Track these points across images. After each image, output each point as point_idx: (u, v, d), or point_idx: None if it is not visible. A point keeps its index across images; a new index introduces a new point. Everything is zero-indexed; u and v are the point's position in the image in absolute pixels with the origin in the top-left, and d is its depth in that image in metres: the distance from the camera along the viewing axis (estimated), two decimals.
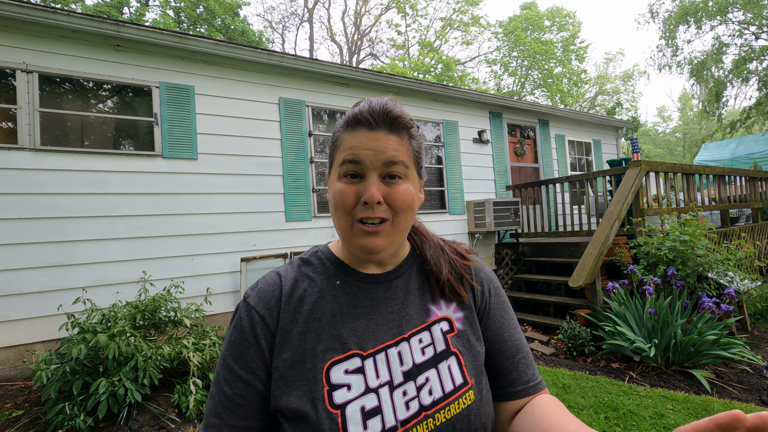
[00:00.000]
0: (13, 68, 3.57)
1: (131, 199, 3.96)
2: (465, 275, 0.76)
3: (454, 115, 6.58)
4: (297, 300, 0.67)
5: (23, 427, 2.54)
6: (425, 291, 0.72)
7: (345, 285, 0.69)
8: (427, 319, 0.69)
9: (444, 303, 0.72)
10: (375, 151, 0.63)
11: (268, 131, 4.82)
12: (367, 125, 0.64)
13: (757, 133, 11.82)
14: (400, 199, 0.64)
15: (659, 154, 32.71)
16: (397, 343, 0.65)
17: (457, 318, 0.71)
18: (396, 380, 0.62)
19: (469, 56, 30.44)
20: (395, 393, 0.61)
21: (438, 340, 0.67)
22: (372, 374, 0.62)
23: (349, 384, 0.61)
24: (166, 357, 2.84)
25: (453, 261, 0.76)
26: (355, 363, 0.63)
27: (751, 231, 5.78)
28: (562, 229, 5.88)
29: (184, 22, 16.38)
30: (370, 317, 0.67)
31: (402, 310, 0.69)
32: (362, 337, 0.65)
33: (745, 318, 3.95)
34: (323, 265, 0.72)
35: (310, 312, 0.66)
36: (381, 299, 0.69)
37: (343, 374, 0.61)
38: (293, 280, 0.69)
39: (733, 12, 12.95)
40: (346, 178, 0.64)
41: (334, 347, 0.63)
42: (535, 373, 0.73)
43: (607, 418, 2.47)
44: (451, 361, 0.66)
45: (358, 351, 0.63)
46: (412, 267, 0.74)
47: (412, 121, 0.68)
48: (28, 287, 3.48)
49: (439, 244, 0.79)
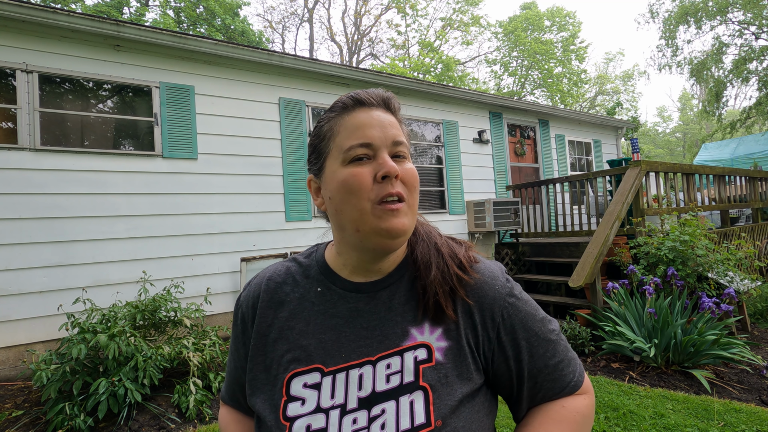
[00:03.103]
0: (13, 68, 3.57)
1: (131, 199, 3.96)
2: (458, 290, 0.63)
3: (454, 115, 6.58)
4: (277, 304, 0.67)
5: (23, 427, 2.54)
6: (410, 309, 0.63)
7: (326, 292, 0.66)
8: (403, 343, 0.61)
9: (428, 326, 0.62)
10: (381, 128, 0.61)
11: (268, 131, 4.82)
12: (368, 104, 0.62)
13: (757, 133, 11.82)
14: (411, 176, 0.61)
15: (659, 154, 32.70)
16: (362, 365, 0.60)
17: (439, 348, 0.60)
18: (350, 405, 0.57)
19: (469, 56, 30.49)
20: (345, 419, 0.56)
21: (408, 370, 0.59)
22: (327, 393, 0.58)
23: (304, 398, 0.59)
24: (166, 357, 2.84)
25: (447, 267, 0.64)
26: (314, 378, 0.60)
27: (751, 231, 5.78)
28: (562, 229, 5.88)
29: (184, 22, 16.38)
30: (342, 330, 0.62)
31: (378, 327, 0.62)
32: (328, 352, 0.61)
33: (745, 318, 3.95)
34: (312, 268, 0.70)
35: (286, 319, 0.65)
36: (360, 312, 0.63)
37: (301, 387, 0.60)
38: (277, 283, 0.70)
39: (733, 12, 12.95)
40: (355, 162, 0.59)
41: (299, 357, 0.62)
42: (549, 392, 0.65)
43: (607, 418, 2.47)
44: (417, 396, 0.57)
45: (321, 366, 0.61)
46: (401, 278, 0.66)
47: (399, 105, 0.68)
48: (28, 287, 3.48)
49: (433, 243, 0.68)
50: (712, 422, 2.33)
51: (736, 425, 2.30)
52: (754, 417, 2.36)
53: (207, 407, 2.74)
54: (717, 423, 2.33)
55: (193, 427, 2.58)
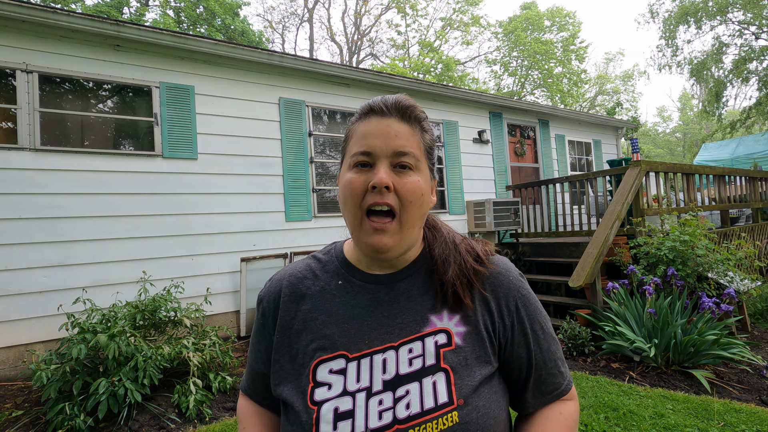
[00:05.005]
0: (13, 68, 3.57)
1: (131, 199, 3.96)
2: (475, 282, 0.67)
3: (454, 115, 6.58)
4: (299, 297, 0.71)
5: (23, 427, 2.54)
6: (428, 298, 0.67)
7: (347, 284, 0.70)
8: (423, 329, 0.65)
9: (447, 313, 0.66)
10: (385, 137, 0.62)
11: (268, 131, 4.82)
12: (379, 113, 0.64)
13: (757, 133, 11.82)
14: (409, 190, 0.62)
15: (659, 154, 32.70)
16: (385, 350, 0.63)
17: (458, 333, 0.65)
18: (375, 387, 0.61)
19: (469, 56, 30.48)
20: (371, 400, 0.60)
21: (429, 353, 0.63)
22: (353, 377, 0.62)
23: (330, 383, 0.62)
24: (166, 357, 2.84)
25: (464, 262, 0.69)
26: (339, 364, 0.63)
27: (751, 231, 5.78)
28: (562, 229, 5.89)
29: (184, 22, 16.38)
30: (364, 319, 0.66)
31: (399, 316, 0.66)
32: (352, 339, 0.64)
33: (745, 318, 3.95)
34: (331, 263, 0.74)
35: (309, 311, 0.69)
36: (380, 301, 0.67)
37: (327, 373, 0.63)
38: (298, 278, 0.73)
39: (733, 12, 12.95)
40: (356, 168, 0.63)
41: (324, 346, 0.65)
42: (550, 386, 0.69)
43: (607, 418, 2.47)
44: (439, 377, 0.61)
45: (345, 352, 0.64)
46: (419, 269, 0.70)
47: (425, 114, 0.68)
48: (28, 287, 3.48)
49: (453, 240, 0.73)
50: (712, 422, 2.33)
51: (736, 425, 2.30)
52: (754, 417, 2.36)
53: (207, 407, 2.74)
54: (717, 423, 2.33)
55: (193, 427, 2.58)
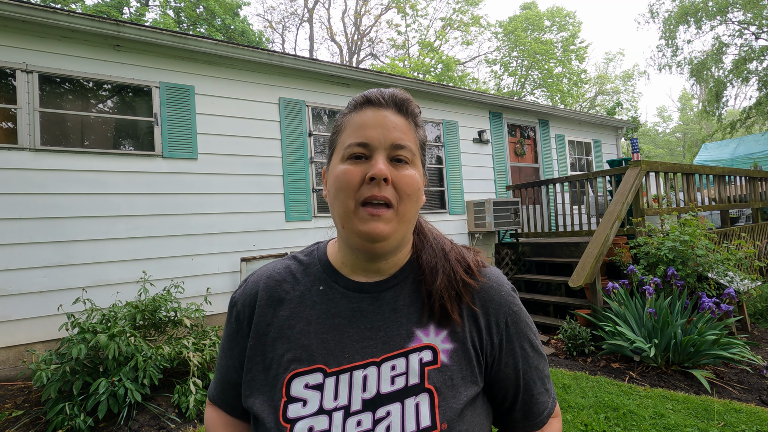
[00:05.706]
0: (13, 68, 3.57)
1: (131, 199, 3.96)
2: (464, 295, 0.63)
3: (454, 115, 6.58)
4: (276, 302, 0.65)
5: (23, 427, 2.54)
6: (415, 310, 0.63)
7: (328, 290, 0.65)
8: (408, 344, 0.60)
9: (434, 328, 0.61)
10: (383, 129, 0.60)
11: (268, 131, 4.82)
12: (376, 104, 0.62)
13: (757, 133, 11.82)
14: (407, 183, 0.60)
15: (659, 154, 32.70)
16: (366, 366, 0.59)
17: (444, 350, 0.60)
18: (354, 407, 0.56)
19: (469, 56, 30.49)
20: (349, 420, 0.55)
21: (413, 371, 0.58)
22: (330, 395, 0.57)
23: (305, 399, 0.57)
24: (166, 357, 2.84)
25: (453, 272, 0.64)
26: (316, 378, 0.59)
27: (751, 231, 5.78)
28: (562, 229, 5.88)
29: (184, 22, 16.38)
30: (345, 330, 0.61)
31: (383, 329, 0.61)
32: (331, 352, 0.60)
33: (745, 318, 3.95)
34: (313, 266, 0.69)
35: (286, 318, 0.64)
36: (363, 312, 0.62)
37: (302, 388, 0.58)
38: (276, 281, 0.68)
39: (733, 12, 12.95)
40: (351, 160, 0.60)
41: (300, 357, 0.60)
42: (540, 407, 0.66)
43: (607, 418, 2.47)
44: (422, 398, 0.57)
45: (323, 366, 0.59)
46: (406, 279, 0.65)
47: (419, 110, 0.67)
48: (28, 287, 3.48)
49: (441, 247, 0.68)
50: (712, 422, 2.34)
51: (736, 425, 2.30)
52: (754, 417, 2.36)
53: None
54: (717, 423, 2.33)
55: (193, 427, 2.58)
